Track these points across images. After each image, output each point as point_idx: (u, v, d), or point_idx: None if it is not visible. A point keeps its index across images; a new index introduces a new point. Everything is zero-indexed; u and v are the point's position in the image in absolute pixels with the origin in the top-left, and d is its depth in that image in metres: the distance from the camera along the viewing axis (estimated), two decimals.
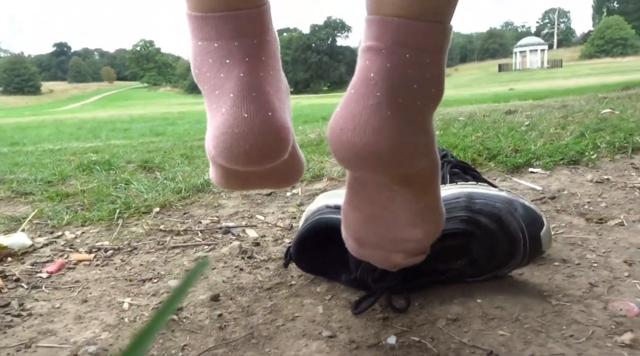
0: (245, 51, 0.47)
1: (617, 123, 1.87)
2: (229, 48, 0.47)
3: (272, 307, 0.70)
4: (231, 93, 0.47)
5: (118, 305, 0.72)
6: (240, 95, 0.47)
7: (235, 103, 0.46)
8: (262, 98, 0.47)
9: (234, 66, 0.47)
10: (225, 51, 0.47)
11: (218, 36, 0.47)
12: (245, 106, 0.46)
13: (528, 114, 2.60)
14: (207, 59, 0.48)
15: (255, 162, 0.48)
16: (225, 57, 0.47)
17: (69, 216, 1.13)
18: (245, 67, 0.47)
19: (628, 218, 0.95)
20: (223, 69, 0.47)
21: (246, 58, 0.47)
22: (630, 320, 0.61)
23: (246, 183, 0.61)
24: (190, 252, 0.92)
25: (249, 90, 0.47)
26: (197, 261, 0.87)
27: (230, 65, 0.47)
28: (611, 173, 1.28)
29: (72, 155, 2.23)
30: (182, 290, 0.17)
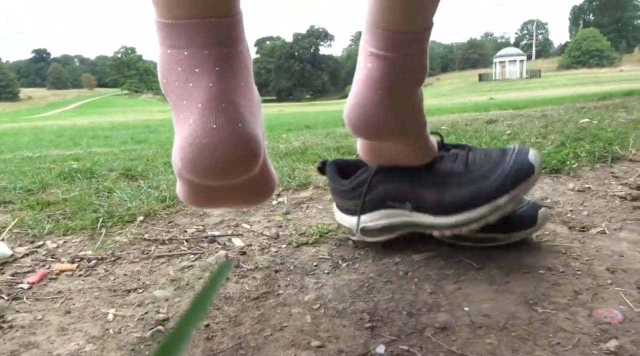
0: (216, 60, 0.45)
1: (596, 133, 1.91)
2: (199, 56, 0.45)
3: (260, 317, 0.69)
4: (199, 103, 0.45)
5: (102, 316, 0.71)
6: (209, 106, 0.45)
7: (204, 114, 0.45)
8: (232, 109, 0.45)
9: (203, 75, 0.45)
10: (195, 60, 0.45)
11: (188, 44, 0.45)
12: (214, 117, 0.45)
13: (509, 123, 2.64)
14: (175, 67, 0.46)
15: (223, 176, 0.47)
16: (194, 66, 0.45)
17: (50, 225, 1.11)
18: (215, 76, 0.45)
19: (609, 227, 0.97)
20: (192, 78, 0.45)
21: (216, 67, 0.45)
22: (614, 327, 0.62)
23: (214, 200, 0.58)
24: (176, 261, 0.91)
25: (218, 101, 0.45)
26: (220, 263, 0.86)
27: (199, 74, 0.45)
28: (592, 182, 1.30)
29: (52, 162, 2.19)
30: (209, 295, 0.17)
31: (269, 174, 0.59)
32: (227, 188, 0.55)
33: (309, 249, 0.94)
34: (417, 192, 0.83)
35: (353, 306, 0.71)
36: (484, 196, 0.78)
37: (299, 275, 0.83)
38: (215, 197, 0.57)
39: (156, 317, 0.69)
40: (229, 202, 0.60)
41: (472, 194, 0.79)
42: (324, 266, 0.86)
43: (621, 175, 1.34)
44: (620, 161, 1.49)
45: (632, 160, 1.48)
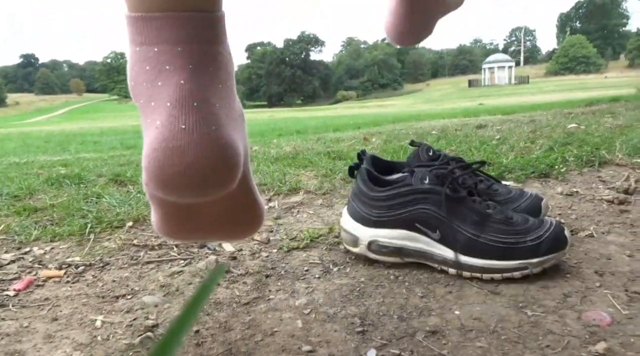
0: (190, 58, 0.40)
1: (584, 138, 1.93)
2: (171, 53, 0.40)
3: (251, 322, 0.69)
4: (168, 103, 0.39)
5: (90, 322, 0.70)
6: (179, 104, 0.39)
7: (172, 114, 0.39)
8: (205, 109, 0.39)
9: (174, 72, 0.40)
10: (166, 56, 0.40)
11: (159, 40, 0.40)
12: (184, 117, 0.39)
13: (498, 128, 2.66)
14: (144, 66, 0.41)
15: (194, 188, 0.40)
16: (165, 62, 0.40)
17: (37, 231, 1.09)
18: (188, 74, 0.40)
19: (597, 230, 0.98)
20: (161, 76, 0.40)
21: (190, 65, 0.40)
22: (603, 330, 0.63)
23: (191, 229, 0.50)
24: (165, 266, 0.90)
25: (189, 99, 0.39)
26: (215, 267, 0.85)
27: (170, 71, 0.40)
28: (580, 186, 1.32)
29: (39, 168, 2.17)
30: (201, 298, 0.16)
31: (255, 200, 0.51)
32: (206, 214, 0.48)
33: (299, 254, 0.94)
34: (452, 224, 0.81)
35: (344, 311, 0.71)
36: (517, 251, 0.78)
37: (290, 279, 0.83)
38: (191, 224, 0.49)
39: (145, 323, 0.69)
40: (208, 232, 0.51)
41: (508, 245, 0.79)
42: (315, 271, 0.86)
43: (608, 179, 1.36)
44: (607, 165, 1.50)
45: (619, 164, 1.49)
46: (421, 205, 0.82)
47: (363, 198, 0.88)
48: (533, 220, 0.82)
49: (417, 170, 0.85)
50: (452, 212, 0.81)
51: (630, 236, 0.94)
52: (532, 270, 0.77)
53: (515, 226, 0.80)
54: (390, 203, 0.84)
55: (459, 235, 0.80)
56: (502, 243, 0.79)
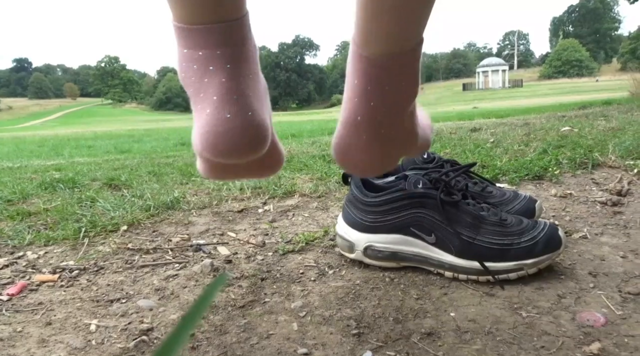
0: (227, 59, 0.52)
1: (577, 141, 1.94)
2: (212, 56, 0.52)
3: (246, 325, 0.69)
4: (214, 97, 0.52)
5: (84, 327, 0.70)
6: (223, 99, 0.52)
7: (218, 106, 0.52)
8: (242, 101, 0.52)
9: (216, 72, 0.52)
10: (208, 59, 0.52)
11: (202, 46, 0.52)
12: (227, 108, 0.51)
13: (492, 132, 2.67)
14: (192, 65, 0.53)
15: (237, 157, 0.54)
16: (208, 64, 0.52)
17: (30, 235, 1.09)
18: (227, 73, 0.52)
19: (591, 231, 0.99)
20: (207, 74, 0.52)
21: (227, 65, 0.52)
22: (597, 330, 0.63)
23: (229, 174, 0.65)
24: (160, 270, 0.90)
25: (230, 94, 0.52)
26: (217, 276, 0.85)
27: (213, 71, 0.52)
28: (573, 188, 1.32)
29: (33, 173, 2.16)
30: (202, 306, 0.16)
31: (278, 150, 0.65)
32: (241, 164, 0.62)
33: (295, 257, 0.93)
34: (447, 227, 0.81)
35: (340, 313, 0.71)
36: (512, 252, 0.78)
37: (285, 282, 0.83)
38: (229, 171, 0.64)
39: (140, 327, 0.68)
40: (242, 175, 0.66)
41: (503, 247, 0.79)
42: (310, 273, 0.86)
43: (601, 181, 1.36)
44: (600, 167, 1.51)
45: (612, 166, 1.50)
46: (416, 209, 0.83)
47: (357, 204, 0.88)
48: (527, 222, 0.82)
49: (410, 174, 0.85)
50: (447, 216, 0.81)
51: (623, 237, 0.95)
52: (527, 270, 0.78)
53: (509, 227, 0.81)
54: (385, 209, 0.84)
55: (454, 238, 0.80)
56: (497, 244, 0.79)
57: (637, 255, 0.86)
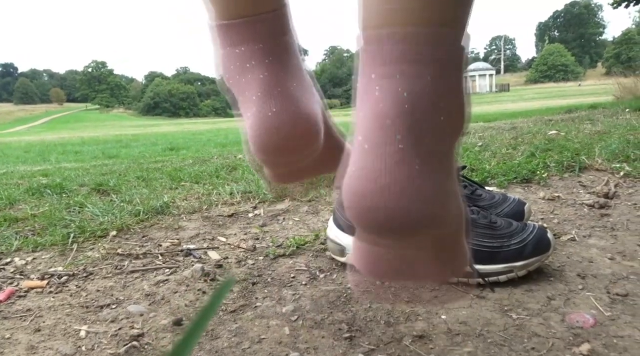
0: (267, 53, 0.50)
1: (564, 144, 1.96)
2: (251, 51, 0.50)
3: (237, 330, 0.68)
4: (256, 94, 0.50)
5: (74, 333, 0.69)
6: (265, 94, 0.49)
7: (261, 103, 0.49)
8: (285, 93, 0.50)
9: (256, 68, 0.50)
10: (248, 55, 0.50)
11: (242, 41, 0.50)
12: (271, 103, 0.49)
13: (481, 135, 2.70)
14: (230, 65, 0.51)
15: (292, 152, 0.52)
16: (248, 60, 0.50)
17: (18, 241, 1.08)
18: (266, 67, 0.50)
19: (579, 234, 1.00)
20: (246, 72, 0.50)
21: (266, 59, 0.50)
22: (586, 331, 0.64)
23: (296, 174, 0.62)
24: (151, 275, 0.89)
25: (272, 88, 0.49)
26: (223, 280, 0.84)
27: (252, 67, 0.50)
28: (561, 190, 1.34)
29: (20, 178, 2.13)
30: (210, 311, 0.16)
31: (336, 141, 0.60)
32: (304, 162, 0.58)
33: (286, 261, 0.93)
34: None
35: (331, 317, 0.71)
36: (502, 255, 0.79)
37: (277, 287, 0.82)
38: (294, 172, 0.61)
39: (130, 333, 0.68)
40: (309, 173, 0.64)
41: (493, 249, 0.79)
42: (302, 277, 0.86)
43: (588, 184, 1.38)
44: (587, 170, 1.53)
45: (599, 169, 1.53)
46: None
47: None
48: (516, 224, 0.83)
49: None
50: None
51: (610, 239, 0.96)
52: (517, 273, 0.78)
53: (499, 230, 0.81)
54: None
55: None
56: (487, 247, 0.79)
57: (624, 256, 0.87)
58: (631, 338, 0.61)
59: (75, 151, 6.22)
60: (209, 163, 2.28)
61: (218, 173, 1.87)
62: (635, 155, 1.63)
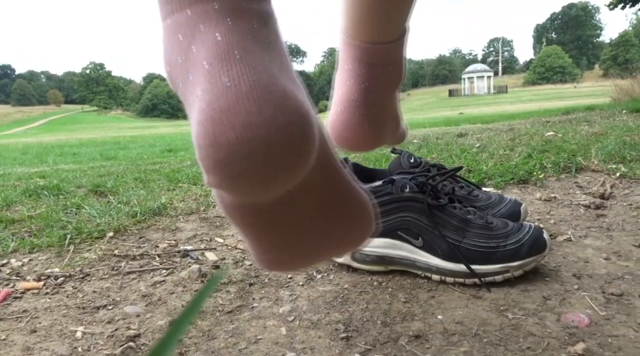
0: (228, 12, 0.32)
1: (561, 145, 1.97)
2: (204, 11, 0.32)
3: (234, 330, 0.69)
4: (205, 63, 0.32)
5: (70, 334, 0.69)
6: (218, 60, 0.31)
7: (212, 73, 0.31)
8: (250, 57, 0.32)
9: (209, 29, 0.32)
10: (198, 17, 0.33)
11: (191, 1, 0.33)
12: (225, 71, 0.31)
13: (478, 137, 2.70)
14: (176, 37, 0.33)
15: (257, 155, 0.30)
16: (198, 23, 0.33)
17: (14, 243, 1.07)
18: (225, 27, 0.32)
19: (575, 234, 1.00)
20: (195, 40, 0.33)
21: (227, 19, 0.32)
22: (581, 331, 0.64)
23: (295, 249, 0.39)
24: (147, 276, 0.89)
25: (229, 51, 0.31)
26: (214, 273, 0.84)
27: (204, 31, 0.32)
28: (558, 191, 1.34)
29: (17, 180, 2.13)
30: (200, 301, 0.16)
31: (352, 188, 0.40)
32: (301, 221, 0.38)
33: None
34: (434, 230, 0.81)
35: (328, 317, 0.71)
36: (498, 255, 0.79)
37: (274, 287, 0.82)
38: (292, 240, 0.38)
39: (127, 334, 0.68)
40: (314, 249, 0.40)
41: (489, 250, 0.80)
42: (299, 278, 0.86)
43: (585, 185, 1.39)
44: (583, 171, 1.54)
45: (595, 170, 1.53)
46: (403, 213, 0.83)
47: None
48: (512, 224, 0.83)
49: (398, 178, 0.86)
50: (433, 219, 0.82)
51: (606, 239, 0.96)
52: (513, 273, 0.79)
53: (495, 230, 0.81)
54: None
55: (441, 242, 0.81)
56: (484, 247, 0.80)
57: (619, 257, 0.88)
58: (626, 337, 0.62)
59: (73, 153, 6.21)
60: None
61: None
62: (631, 156, 1.64)
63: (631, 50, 63.93)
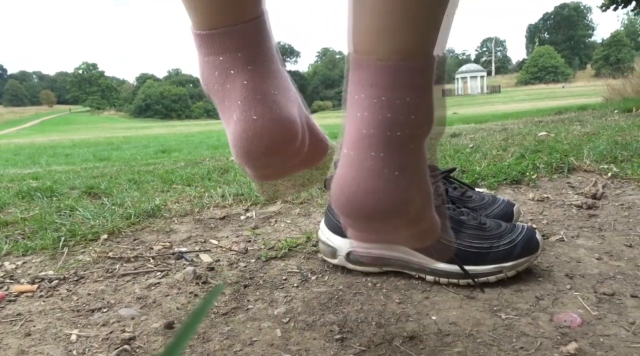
0: (247, 60, 0.51)
1: (553, 145, 1.98)
2: (232, 59, 0.51)
3: (229, 332, 0.69)
4: (238, 101, 0.51)
5: (65, 337, 0.69)
6: (247, 101, 0.51)
7: (244, 109, 0.51)
8: (267, 99, 0.52)
9: (237, 75, 0.51)
10: (229, 63, 0.51)
11: (222, 50, 0.51)
12: (253, 109, 0.51)
13: (471, 137, 2.71)
14: (213, 73, 0.52)
15: (272, 155, 0.53)
16: (229, 68, 0.51)
17: (8, 245, 1.07)
18: (249, 74, 0.51)
19: (567, 234, 1.01)
20: (228, 80, 0.52)
21: (249, 66, 0.51)
22: (574, 331, 0.64)
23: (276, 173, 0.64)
24: (142, 279, 0.89)
25: (254, 94, 0.51)
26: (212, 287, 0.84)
27: (234, 75, 0.51)
28: (550, 192, 1.35)
29: (9, 182, 2.12)
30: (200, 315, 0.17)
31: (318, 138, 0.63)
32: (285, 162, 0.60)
33: (278, 263, 0.94)
34: None
35: (323, 319, 0.71)
36: (492, 256, 0.80)
37: (269, 289, 0.83)
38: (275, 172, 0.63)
39: (122, 336, 0.68)
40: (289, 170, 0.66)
41: (482, 250, 0.80)
42: (293, 279, 0.86)
43: (577, 185, 1.40)
44: (575, 171, 1.55)
45: (587, 170, 1.54)
46: None
47: None
48: (506, 225, 0.84)
49: None
50: None
51: (598, 239, 0.97)
52: (506, 273, 0.79)
53: (488, 231, 0.82)
54: None
55: (435, 242, 0.81)
56: (477, 248, 0.80)
57: (611, 256, 0.89)
58: (617, 336, 0.62)
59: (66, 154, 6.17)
60: (201, 165, 2.28)
61: (210, 176, 1.87)
62: (622, 156, 1.66)
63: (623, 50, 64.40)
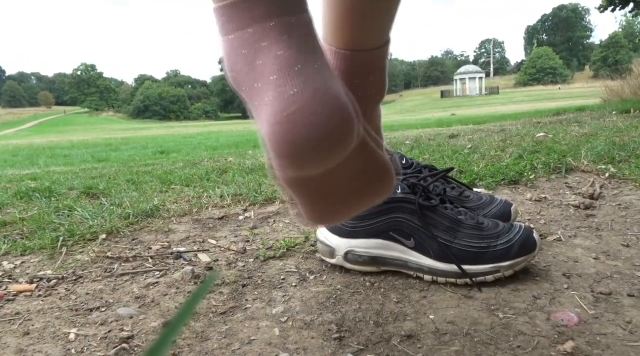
0: (282, 30, 0.41)
1: (551, 146, 1.99)
2: (264, 30, 0.41)
3: (228, 332, 0.69)
4: (272, 76, 0.40)
5: (64, 336, 0.69)
6: (283, 73, 0.40)
7: (279, 84, 0.40)
8: (308, 70, 0.41)
9: (270, 47, 0.41)
10: (260, 35, 0.41)
11: (252, 21, 0.41)
12: (291, 82, 0.40)
13: (470, 138, 2.72)
14: (240, 51, 0.42)
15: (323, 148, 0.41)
16: (260, 40, 0.41)
17: (7, 246, 1.07)
18: (284, 44, 0.41)
19: (565, 234, 1.01)
20: (259, 55, 0.41)
21: (284, 36, 0.41)
22: (571, 330, 0.65)
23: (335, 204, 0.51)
24: (141, 278, 0.89)
25: (292, 65, 0.40)
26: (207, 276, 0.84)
27: (267, 47, 0.41)
28: (548, 192, 1.36)
29: (8, 182, 2.12)
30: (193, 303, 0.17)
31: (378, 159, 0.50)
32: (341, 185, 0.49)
33: (276, 263, 0.94)
34: (426, 231, 0.82)
35: (321, 318, 0.72)
36: (489, 255, 0.80)
37: (267, 288, 0.83)
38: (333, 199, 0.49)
39: (120, 335, 0.68)
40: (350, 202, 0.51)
41: (480, 250, 0.80)
42: (292, 279, 0.86)
43: (575, 186, 1.40)
44: (573, 172, 1.55)
45: (585, 171, 1.55)
46: (395, 214, 0.84)
47: None
48: (503, 225, 0.84)
49: None
50: (425, 220, 0.82)
51: (595, 239, 0.98)
52: (504, 273, 0.79)
53: (486, 231, 0.82)
54: (365, 214, 0.85)
55: (433, 242, 0.82)
56: (475, 248, 0.81)
57: (608, 256, 0.89)
58: (614, 335, 0.63)
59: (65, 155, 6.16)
60: (200, 166, 2.28)
61: (209, 177, 1.87)
62: (620, 156, 1.66)
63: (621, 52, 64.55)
